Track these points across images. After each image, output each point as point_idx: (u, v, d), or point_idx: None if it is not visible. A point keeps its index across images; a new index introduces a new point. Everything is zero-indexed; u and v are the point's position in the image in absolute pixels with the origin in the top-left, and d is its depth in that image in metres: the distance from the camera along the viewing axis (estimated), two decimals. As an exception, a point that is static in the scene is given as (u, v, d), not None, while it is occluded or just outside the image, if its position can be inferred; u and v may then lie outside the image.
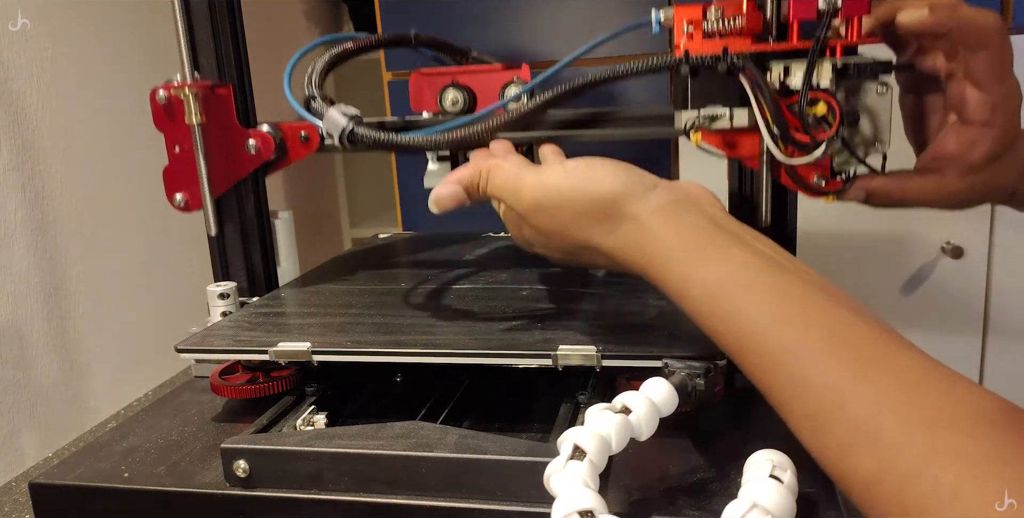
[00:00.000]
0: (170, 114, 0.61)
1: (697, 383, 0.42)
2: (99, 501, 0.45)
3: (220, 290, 0.63)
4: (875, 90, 0.50)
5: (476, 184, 0.47)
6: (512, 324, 0.52)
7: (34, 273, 1.01)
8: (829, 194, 0.51)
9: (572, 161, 0.45)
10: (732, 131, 0.52)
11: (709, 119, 0.51)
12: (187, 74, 0.61)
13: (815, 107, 0.48)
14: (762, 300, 0.37)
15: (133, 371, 1.17)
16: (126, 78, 1.17)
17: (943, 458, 0.29)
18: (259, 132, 0.62)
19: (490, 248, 0.79)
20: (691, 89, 0.51)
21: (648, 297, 0.57)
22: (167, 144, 0.62)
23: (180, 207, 0.64)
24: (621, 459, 0.39)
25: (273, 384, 0.54)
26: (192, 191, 0.63)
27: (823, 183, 0.51)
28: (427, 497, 0.41)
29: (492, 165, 0.46)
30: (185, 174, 0.62)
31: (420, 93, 0.63)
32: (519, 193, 0.45)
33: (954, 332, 1.16)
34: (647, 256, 0.41)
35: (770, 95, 0.47)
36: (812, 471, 0.42)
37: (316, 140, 0.61)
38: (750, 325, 0.36)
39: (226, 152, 0.62)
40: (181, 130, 0.61)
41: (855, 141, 0.51)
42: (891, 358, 0.33)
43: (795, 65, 0.48)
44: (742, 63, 0.47)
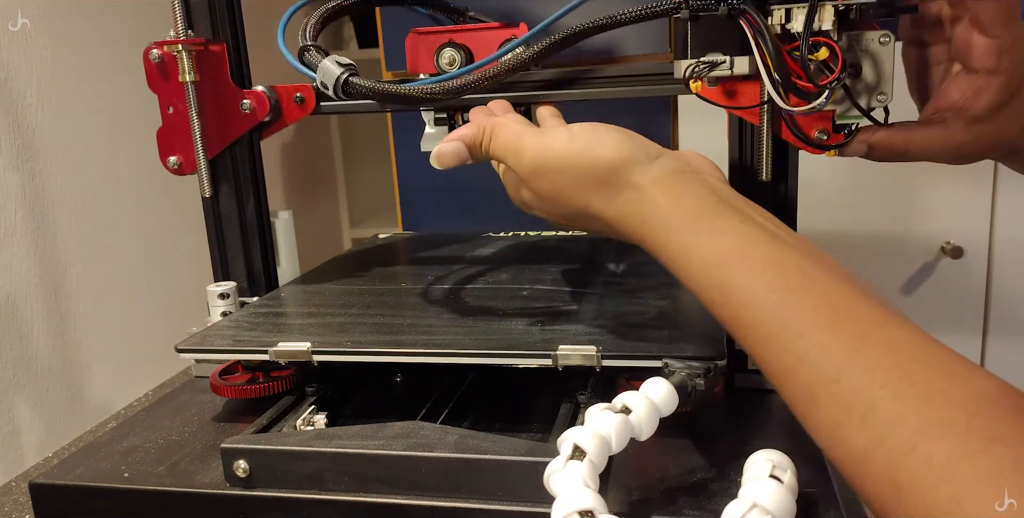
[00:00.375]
0: (163, 73, 0.61)
1: (697, 383, 0.42)
2: (99, 501, 0.45)
3: (220, 290, 0.63)
4: (877, 39, 0.48)
5: (479, 142, 0.46)
6: (512, 324, 0.52)
7: (34, 273, 1.01)
8: (831, 148, 0.50)
9: (577, 125, 0.45)
10: (732, 79, 0.51)
11: (709, 66, 0.50)
12: (180, 31, 0.60)
13: (817, 52, 0.47)
14: (761, 272, 0.36)
15: (133, 371, 1.17)
16: (126, 78, 1.17)
17: (937, 434, 0.29)
18: (254, 92, 0.61)
19: (490, 248, 0.79)
20: (690, 35, 0.49)
21: (648, 297, 0.57)
22: (161, 105, 0.61)
23: (174, 169, 0.63)
24: (621, 459, 0.39)
25: (273, 384, 0.54)
26: (186, 153, 0.62)
27: (825, 137, 0.50)
28: (427, 497, 0.41)
29: (496, 123, 0.46)
30: (179, 135, 0.62)
31: (416, 53, 0.62)
32: (520, 154, 0.44)
33: (954, 332, 1.16)
34: (647, 225, 0.41)
35: (771, 40, 0.46)
36: (812, 471, 0.42)
37: (312, 102, 0.60)
38: (748, 297, 0.36)
39: (220, 112, 0.61)
40: (175, 89, 0.61)
41: (857, 90, 0.49)
42: (888, 333, 0.33)
43: (796, 9, 0.47)
44: (743, 7, 0.46)
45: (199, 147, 0.61)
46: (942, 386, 0.30)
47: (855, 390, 0.32)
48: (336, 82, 0.52)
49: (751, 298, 0.36)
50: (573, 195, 0.43)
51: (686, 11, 0.48)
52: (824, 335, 0.34)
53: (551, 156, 0.43)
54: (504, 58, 0.53)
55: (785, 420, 0.49)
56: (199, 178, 0.63)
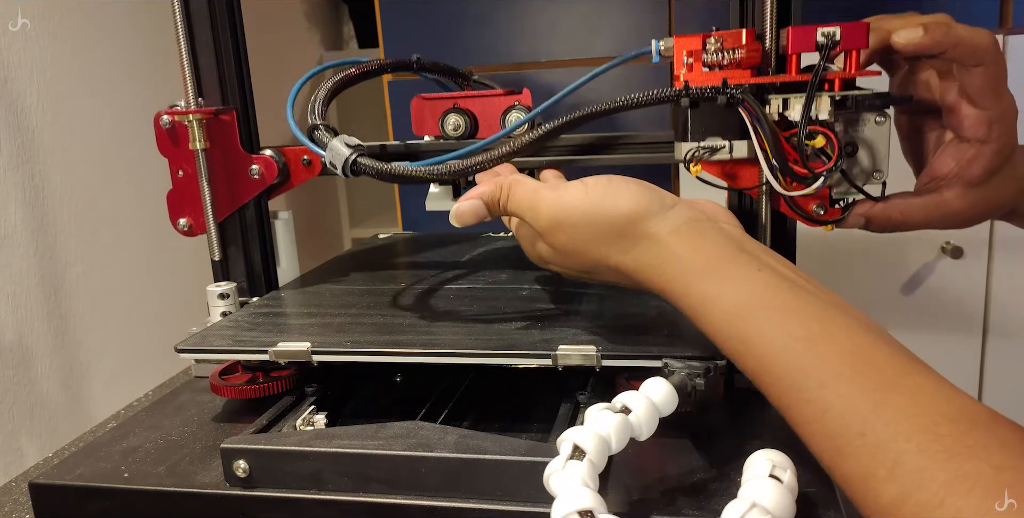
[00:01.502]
0: (174, 139, 0.62)
1: (697, 383, 0.42)
2: (99, 501, 0.45)
3: (220, 290, 0.63)
4: (873, 120, 0.50)
5: (496, 199, 0.47)
6: (512, 324, 0.52)
7: (34, 273, 1.01)
8: (828, 223, 0.52)
9: (591, 179, 0.45)
10: (732, 162, 0.52)
11: (709, 151, 0.51)
12: (191, 100, 0.62)
13: (814, 140, 0.48)
14: (782, 322, 0.36)
15: (133, 371, 1.17)
16: (126, 78, 1.17)
17: (965, 489, 0.29)
18: (262, 157, 0.63)
19: (490, 248, 0.79)
20: (691, 121, 0.51)
21: (648, 297, 0.57)
22: (171, 168, 0.63)
23: (184, 231, 0.64)
24: (621, 459, 0.39)
25: (273, 384, 0.54)
26: (196, 216, 0.64)
27: (822, 212, 0.52)
28: (427, 497, 0.41)
29: (512, 181, 0.47)
30: (189, 198, 0.63)
31: (422, 117, 0.63)
32: (537, 210, 0.45)
33: (954, 332, 1.16)
34: (666, 276, 0.41)
35: (769, 128, 0.48)
36: (812, 471, 0.42)
37: (318, 164, 0.62)
38: (770, 347, 0.36)
39: (229, 177, 0.63)
40: (185, 155, 0.62)
41: (854, 171, 0.51)
42: (911, 382, 0.33)
43: (794, 98, 0.48)
44: (741, 96, 0.48)
45: (209, 212, 0.63)
46: (966, 438, 0.31)
47: (881, 443, 0.32)
48: (345, 163, 0.53)
49: (773, 348, 0.36)
50: (591, 248, 0.43)
51: (687, 99, 0.49)
52: (848, 386, 0.34)
53: (568, 210, 0.44)
54: (510, 143, 0.53)
55: (785, 420, 0.49)
56: (208, 241, 0.64)
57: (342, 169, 0.54)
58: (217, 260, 0.65)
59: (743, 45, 0.49)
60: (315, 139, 0.55)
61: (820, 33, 0.47)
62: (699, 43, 0.50)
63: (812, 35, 0.47)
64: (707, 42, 0.49)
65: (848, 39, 0.47)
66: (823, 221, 0.52)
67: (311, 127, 0.56)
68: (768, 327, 0.37)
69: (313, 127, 0.56)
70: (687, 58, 0.50)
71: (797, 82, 0.48)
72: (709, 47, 0.49)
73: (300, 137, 0.55)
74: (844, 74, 0.48)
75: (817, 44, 0.47)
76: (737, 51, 0.48)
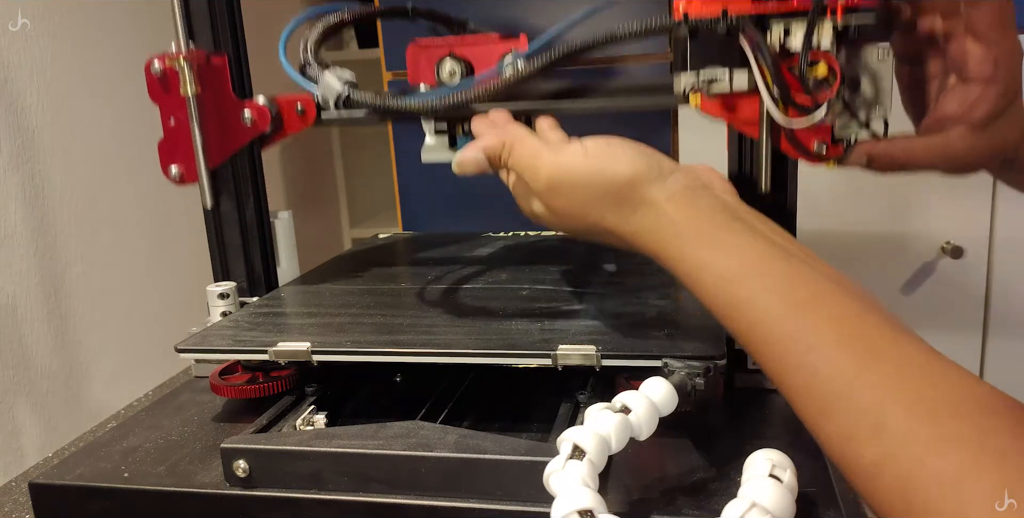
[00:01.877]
0: (165, 85, 0.61)
1: (697, 383, 0.42)
2: (99, 501, 0.45)
3: (220, 290, 0.63)
4: (876, 55, 0.49)
5: (498, 155, 0.47)
6: (512, 324, 0.52)
7: (34, 273, 1.01)
8: (830, 160, 0.50)
9: (591, 140, 0.45)
10: (732, 94, 0.51)
11: (708, 82, 0.50)
12: (182, 44, 0.60)
13: (816, 68, 0.47)
14: (774, 289, 0.37)
15: (133, 371, 1.17)
16: (126, 78, 1.17)
17: (946, 449, 0.29)
18: (255, 103, 0.61)
19: (490, 248, 0.79)
20: (690, 51, 0.50)
21: (648, 297, 0.57)
22: (162, 116, 0.62)
23: (176, 180, 0.63)
24: (621, 459, 0.39)
25: (273, 384, 0.54)
26: (187, 163, 0.62)
27: (824, 149, 0.50)
28: (427, 497, 0.41)
29: (515, 139, 0.47)
30: (180, 146, 0.62)
31: (417, 65, 0.62)
32: (537, 171, 0.45)
33: (954, 332, 1.16)
34: (661, 241, 0.41)
35: (770, 56, 0.47)
36: (812, 471, 0.42)
37: (312, 113, 0.60)
38: (762, 314, 0.37)
39: (221, 124, 0.62)
40: (176, 101, 0.61)
41: (856, 104, 0.50)
42: (898, 348, 0.34)
43: (795, 26, 0.47)
44: (741, 24, 0.47)
45: (200, 159, 0.61)
46: (951, 402, 0.31)
47: (866, 405, 0.32)
48: (337, 97, 0.52)
49: (764, 314, 0.37)
50: (587, 211, 0.44)
51: (685, 28, 0.48)
52: (836, 351, 0.34)
53: (567, 173, 0.44)
54: (505, 74, 0.53)
55: (785, 420, 0.49)
56: (200, 189, 0.63)
57: (335, 103, 0.53)
58: (209, 208, 0.63)
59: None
60: (307, 75, 0.54)
61: None
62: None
63: None
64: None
65: None
66: (825, 158, 0.50)
67: (302, 64, 0.55)
68: (760, 294, 0.37)
69: (305, 63, 0.55)
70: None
71: (798, 10, 0.47)
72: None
73: (290, 71, 0.54)
74: (847, 1, 0.46)
75: None
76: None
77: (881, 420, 0.31)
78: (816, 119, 0.48)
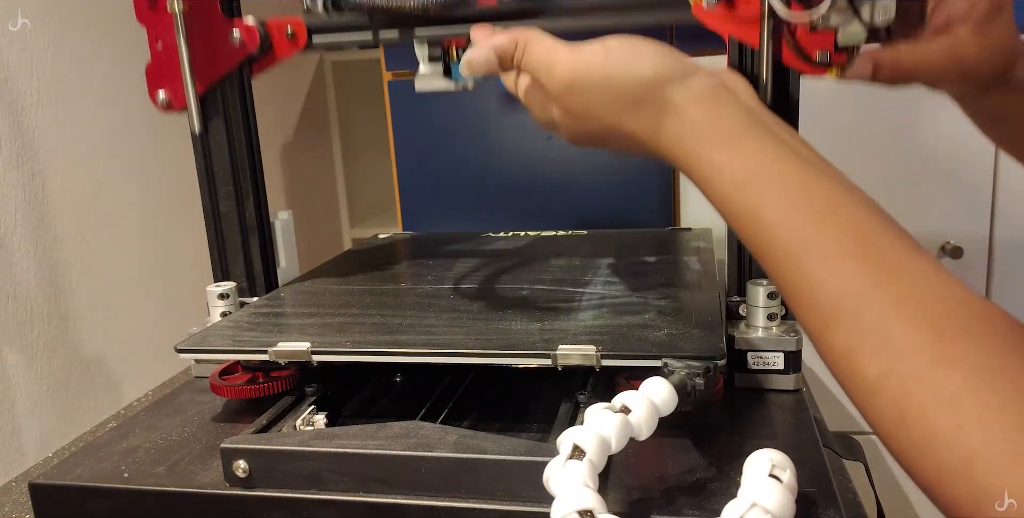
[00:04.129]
0: (152, 3, 0.59)
1: (697, 382, 0.42)
2: (99, 501, 0.45)
3: (220, 290, 0.63)
4: None
5: (510, 54, 0.45)
6: (512, 324, 0.52)
7: (34, 273, 1.01)
8: (833, 68, 0.49)
9: (613, 39, 0.43)
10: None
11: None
12: None
13: None
14: (790, 195, 0.36)
15: (133, 371, 1.17)
16: (126, 78, 1.17)
17: (947, 366, 0.30)
18: (244, 23, 0.60)
19: (490, 248, 0.79)
20: None
21: (648, 297, 0.57)
22: (149, 39, 0.60)
23: (163, 107, 0.61)
24: (621, 459, 0.39)
25: (273, 384, 0.54)
26: (175, 88, 0.60)
27: (827, 57, 0.49)
28: (427, 497, 0.41)
29: (530, 37, 0.45)
30: (168, 69, 0.60)
31: None
32: (553, 70, 0.43)
33: (954, 332, 1.16)
34: (682, 144, 0.40)
35: None
36: (811, 470, 0.42)
37: (303, 36, 0.59)
38: (776, 219, 0.36)
39: (210, 44, 0.60)
40: (163, 21, 0.59)
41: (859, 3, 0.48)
42: (910, 264, 0.33)
43: None
44: None
45: (188, 80, 0.59)
46: (958, 321, 0.31)
47: (874, 318, 0.32)
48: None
49: (778, 219, 0.36)
50: (606, 112, 0.42)
51: None
52: (848, 262, 0.34)
53: (587, 72, 0.42)
54: None
55: (785, 420, 0.49)
56: (188, 114, 0.61)
57: (323, 5, 0.52)
58: (198, 133, 0.62)
59: None
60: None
61: None
62: None
63: None
64: None
65: None
66: (827, 65, 0.49)
67: None
68: (775, 199, 0.37)
69: None
70: None
71: None
72: None
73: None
74: None
75: None
76: None
77: (887, 336, 0.31)
78: (820, 13, 0.46)
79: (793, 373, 0.53)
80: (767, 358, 0.53)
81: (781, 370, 0.53)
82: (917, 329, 0.31)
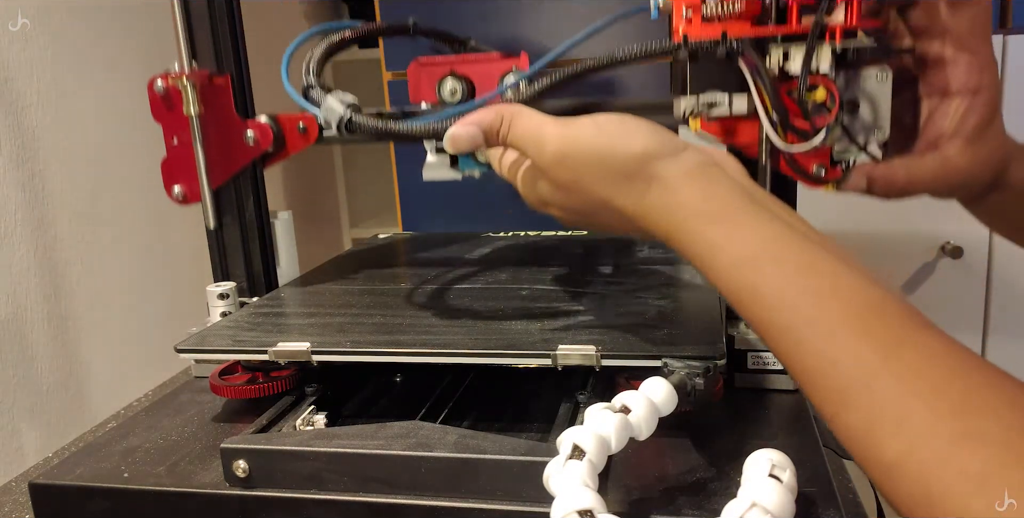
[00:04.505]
0: (168, 104, 0.61)
1: (696, 382, 0.42)
2: (99, 501, 0.45)
3: (220, 290, 0.63)
4: (875, 76, 0.49)
5: (496, 129, 0.45)
6: (512, 324, 0.52)
7: (34, 273, 1.01)
8: (829, 183, 0.50)
9: (603, 116, 0.43)
10: (731, 118, 0.51)
11: (708, 106, 0.50)
12: (185, 64, 0.61)
13: (814, 93, 0.47)
14: (792, 274, 0.36)
15: (133, 371, 1.17)
16: (126, 78, 1.17)
17: (971, 444, 0.29)
18: (257, 123, 0.62)
19: (490, 248, 0.79)
20: (690, 75, 0.50)
21: (648, 297, 0.57)
22: (165, 136, 0.62)
23: (179, 200, 0.63)
24: (621, 459, 0.39)
25: (273, 384, 0.54)
26: (190, 183, 0.63)
27: (823, 172, 0.50)
28: (427, 497, 0.41)
29: (516, 111, 0.44)
30: (183, 166, 0.62)
31: (418, 83, 0.62)
32: (542, 143, 0.43)
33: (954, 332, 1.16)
34: (674, 220, 0.40)
35: (769, 80, 0.47)
36: (811, 470, 0.42)
37: (315, 131, 0.61)
38: (778, 299, 0.36)
39: (224, 143, 0.62)
40: (179, 121, 0.61)
41: (855, 129, 0.50)
42: (920, 338, 0.33)
43: (794, 49, 0.47)
44: (741, 47, 0.47)
45: (203, 179, 0.62)
46: (976, 396, 0.30)
47: (888, 397, 0.31)
48: (340, 121, 0.52)
49: (782, 301, 0.36)
50: (598, 187, 0.42)
51: (685, 51, 0.48)
52: (857, 339, 0.33)
53: (576, 146, 0.42)
54: (506, 96, 0.53)
55: (785, 420, 0.49)
56: (203, 209, 0.64)
57: (337, 126, 0.53)
58: (212, 228, 0.64)
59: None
60: (310, 98, 0.54)
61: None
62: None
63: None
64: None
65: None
66: (824, 181, 0.50)
67: (305, 86, 0.55)
68: (778, 279, 0.36)
69: (308, 86, 0.55)
70: (686, 11, 0.48)
71: (798, 34, 0.47)
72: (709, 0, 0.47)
73: (293, 95, 0.54)
74: (845, 25, 0.46)
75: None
76: (737, 2, 0.47)
77: (904, 413, 0.31)
78: (814, 145, 0.47)
79: (793, 373, 0.53)
80: (767, 358, 0.53)
81: (781, 370, 0.53)
82: (935, 406, 0.30)
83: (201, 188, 0.62)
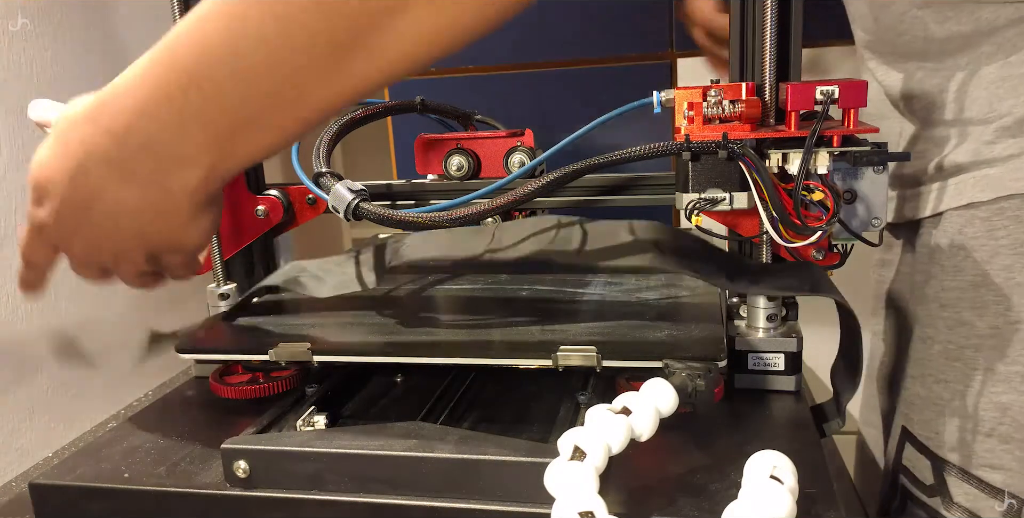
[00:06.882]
0: None
1: (697, 383, 0.42)
2: (99, 501, 0.45)
3: (220, 290, 0.63)
4: (871, 170, 0.50)
5: None
6: (512, 324, 0.52)
7: (34, 273, 1.01)
8: (827, 269, 0.53)
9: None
10: (732, 212, 0.53)
11: (710, 202, 0.52)
12: None
13: (812, 194, 0.49)
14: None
15: (133, 371, 1.17)
16: (126, 78, 1.17)
17: None
18: (268, 198, 0.63)
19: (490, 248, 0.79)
20: (692, 173, 0.52)
21: (648, 297, 0.57)
22: None
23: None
24: (621, 460, 0.39)
25: (273, 384, 0.54)
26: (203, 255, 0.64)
27: (820, 257, 0.53)
28: (427, 497, 0.41)
29: None
30: None
31: (426, 157, 0.65)
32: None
33: (954, 333, 1.16)
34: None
35: (769, 181, 0.49)
36: (812, 472, 0.42)
37: (323, 204, 0.62)
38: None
39: (236, 218, 0.64)
40: None
41: (852, 219, 0.51)
42: None
43: (793, 153, 0.49)
44: (741, 150, 0.49)
45: (216, 252, 0.64)
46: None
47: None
48: (347, 208, 0.54)
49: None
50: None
51: (688, 152, 0.50)
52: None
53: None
54: (512, 193, 0.54)
55: (785, 421, 0.49)
56: (215, 276, 0.65)
57: (344, 213, 0.55)
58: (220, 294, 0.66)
59: (743, 98, 0.50)
60: (320, 184, 0.56)
61: (819, 91, 0.47)
62: (700, 96, 0.50)
63: (811, 93, 0.48)
64: (707, 94, 0.50)
65: (846, 97, 0.48)
66: (823, 266, 0.53)
67: (316, 174, 0.57)
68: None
69: (318, 174, 0.57)
70: (687, 111, 0.51)
71: (796, 137, 0.49)
72: (709, 98, 0.50)
73: (306, 182, 0.57)
74: (843, 130, 0.48)
75: (816, 100, 0.48)
76: (737, 104, 0.49)
77: None
78: (813, 241, 0.49)
79: (793, 374, 0.53)
80: (767, 359, 0.53)
81: (781, 371, 0.53)
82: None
83: (213, 262, 0.65)
